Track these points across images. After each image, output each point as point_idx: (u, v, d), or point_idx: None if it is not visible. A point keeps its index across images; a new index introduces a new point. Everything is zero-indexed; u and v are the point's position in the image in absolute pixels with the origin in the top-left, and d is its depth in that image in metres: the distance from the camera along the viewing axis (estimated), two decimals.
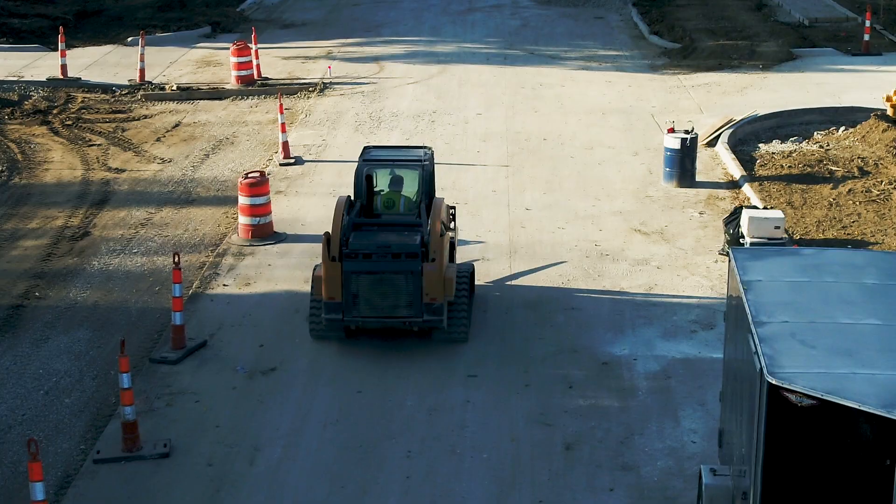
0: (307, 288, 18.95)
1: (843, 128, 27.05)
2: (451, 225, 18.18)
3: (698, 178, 23.85)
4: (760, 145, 26.29)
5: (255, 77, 31.68)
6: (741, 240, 19.92)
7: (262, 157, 25.92)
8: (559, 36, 37.15)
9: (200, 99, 30.63)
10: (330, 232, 16.47)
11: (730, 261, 13.12)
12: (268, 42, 36.15)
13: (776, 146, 26.16)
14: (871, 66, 32.50)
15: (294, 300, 18.69)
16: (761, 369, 10.41)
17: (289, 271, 19.77)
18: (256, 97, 30.67)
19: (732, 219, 20.24)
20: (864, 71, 32.03)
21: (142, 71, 31.84)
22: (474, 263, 18.79)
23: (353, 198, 17.49)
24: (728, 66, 32.75)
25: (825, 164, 24.34)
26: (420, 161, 17.69)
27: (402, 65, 33.43)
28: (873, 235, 20.78)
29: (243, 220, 21.03)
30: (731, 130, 26.64)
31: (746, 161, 24.99)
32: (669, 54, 34.44)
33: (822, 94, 29.81)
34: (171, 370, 16.63)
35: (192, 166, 25.45)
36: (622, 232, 21.35)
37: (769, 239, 19.62)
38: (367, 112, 28.77)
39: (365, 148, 18.45)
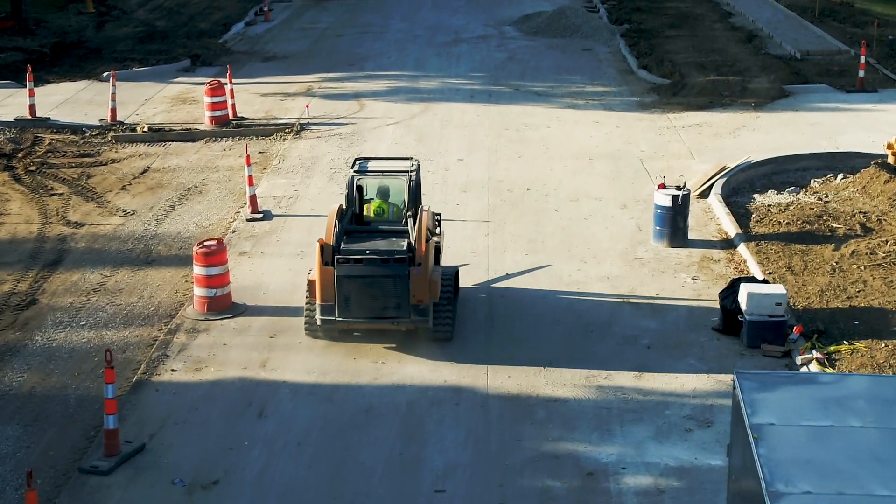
0: (263, 374, 16.55)
1: (840, 175, 24.54)
2: (437, 231, 18.30)
3: (690, 235, 21.33)
4: (755, 196, 23.76)
5: (230, 117, 29.11)
6: (739, 316, 17.40)
7: (230, 209, 23.35)
8: (546, 70, 34.57)
9: (172, 141, 28.08)
10: (323, 239, 16.72)
11: (734, 389, 10.62)
12: (247, 77, 33.64)
13: (772, 197, 23.62)
14: (867, 105, 29.98)
15: (247, 390, 16.13)
16: None
17: (244, 353, 17.20)
18: (230, 139, 28.12)
19: (729, 293, 17.72)
20: (859, 110, 29.51)
21: (113, 110, 29.27)
22: (459, 267, 18.86)
23: (344, 206, 17.69)
24: (719, 104, 30.23)
25: (825, 220, 21.80)
26: (408, 172, 17.92)
27: (383, 103, 30.85)
28: (881, 308, 18.22)
29: (198, 291, 18.46)
30: (724, 179, 24.11)
31: (741, 215, 22.46)
32: (658, 90, 31.90)
33: (817, 136, 27.29)
34: (102, 483, 14.03)
35: (156, 219, 22.89)
36: (609, 302, 18.81)
37: (769, 316, 17.13)
38: (344, 157, 26.19)
39: (356, 159, 18.51)
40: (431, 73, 34.21)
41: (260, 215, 22.67)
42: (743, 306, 17.21)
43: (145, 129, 28.54)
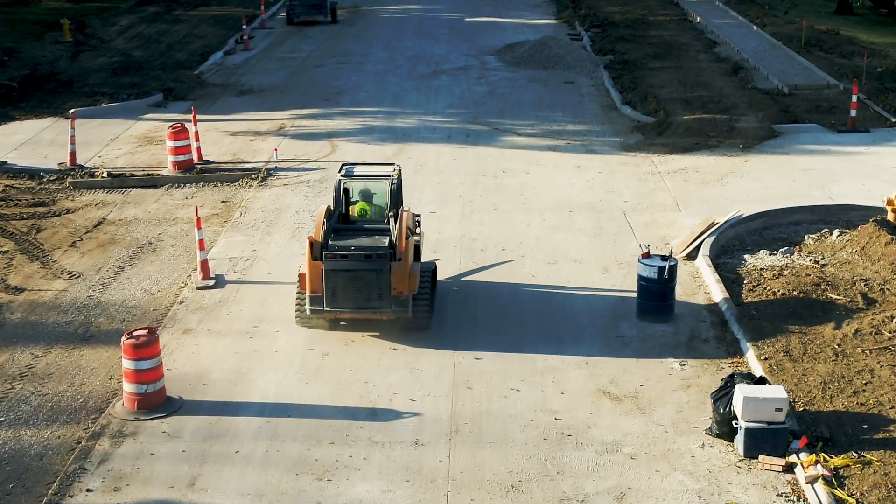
0: (190, 496, 13.63)
1: (837, 231, 21.59)
2: (417, 230, 18.60)
3: (678, 307, 18.41)
4: (746, 257, 20.80)
5: (195, 161, 26.12)
6: (734, 422, 14.48)
7: (183, 272, 20.37)
8: (526, 106, 31.56)
9: (133, 187, 25.08)
10: (313, 236, 17.16)
11: None
12: (219, 113, 30.69)
13: (764, 258, 20.66)
14: (860, 147, 27.06)
15: None
16: None
17: (173, 466, 14.21)
18: (193, 185, 25.13)
19: (723, 393, 14.77)
20: (852, 153, 26.57)
21: (72, 154, 26.25)
22: (436, 262, 19.09)
23: (332, 207, 18.09)
24: (705, 145, 27.31)
25: (823, 290, 18.85)
26: (389, 176, 18.24)
27: (356, 144, 27.83)
28: (892, 406, 15.30)
29: (128, 387, 15.47)
30: (712, 238, 21.16)
31: (731, 280, 19.53)
32: (643, 129, 28.94)
33: (809, 185, 24.36)
34: None
35: (102, 284, 19.92)
36: (588, 395, 15.86)
37: (768, 423, 14.21)
38: (309, 210, 23.23)
39: (343, 165, 18.89)
40: (409, 110, 31.19)
41: (212, 282, 19.68)
42: (738, 412, 14.29)
43: (104, 174, 25.55)
